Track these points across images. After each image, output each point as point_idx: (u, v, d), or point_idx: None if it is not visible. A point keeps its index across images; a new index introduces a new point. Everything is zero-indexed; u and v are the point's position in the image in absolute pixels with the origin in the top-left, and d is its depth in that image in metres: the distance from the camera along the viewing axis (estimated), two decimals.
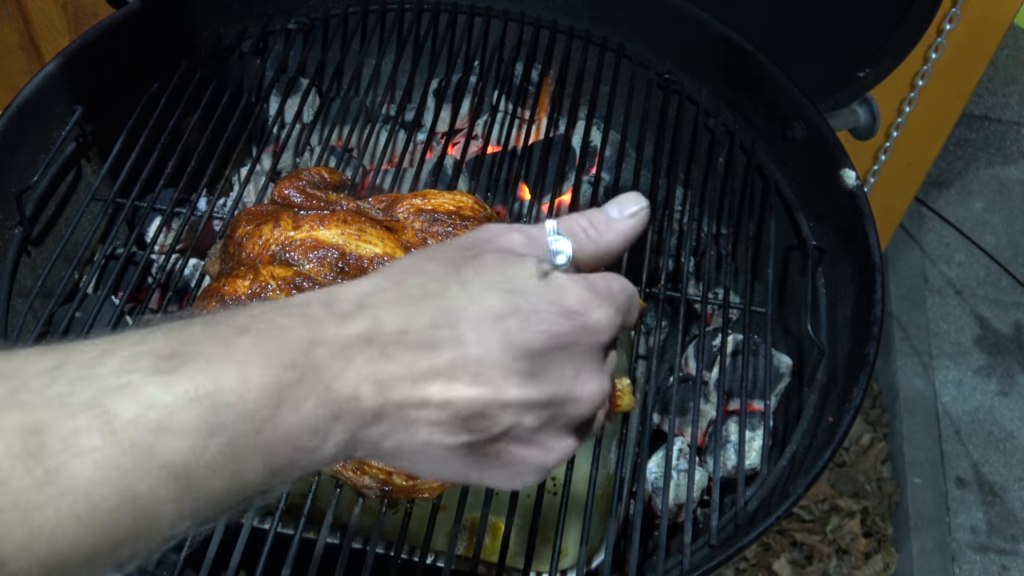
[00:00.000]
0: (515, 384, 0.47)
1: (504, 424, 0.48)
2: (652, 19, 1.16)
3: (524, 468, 0.51)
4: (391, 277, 0.49)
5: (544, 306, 0.48)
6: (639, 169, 1.12)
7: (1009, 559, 1.79)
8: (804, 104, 1.05)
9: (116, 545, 0.38)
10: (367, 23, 1.20)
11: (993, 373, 2.03)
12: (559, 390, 0.48)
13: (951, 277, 2.18)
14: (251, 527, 0.83)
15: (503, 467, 0.51)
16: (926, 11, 1.14)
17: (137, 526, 0.38)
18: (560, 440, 0.51)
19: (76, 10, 1.49)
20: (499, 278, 0.48)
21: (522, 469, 0.51)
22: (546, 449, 0.51)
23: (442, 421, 0.47)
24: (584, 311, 0.49)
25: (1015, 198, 2.33)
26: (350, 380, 0.44)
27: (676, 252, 1.16)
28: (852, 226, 0.97)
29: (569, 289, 0.49)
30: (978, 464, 1.90)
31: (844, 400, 0.87)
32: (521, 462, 0.51)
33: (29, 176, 0.98)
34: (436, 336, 0.46)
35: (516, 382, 0.47)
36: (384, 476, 0.80)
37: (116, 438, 0.37)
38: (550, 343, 0.47)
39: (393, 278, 0.48)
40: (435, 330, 0.46)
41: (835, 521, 1.80)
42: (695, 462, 0.89)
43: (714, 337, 1.03)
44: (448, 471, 0.51)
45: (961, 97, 1.49)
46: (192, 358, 0.41)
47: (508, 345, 0.46)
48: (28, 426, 0.36)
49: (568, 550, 1.00)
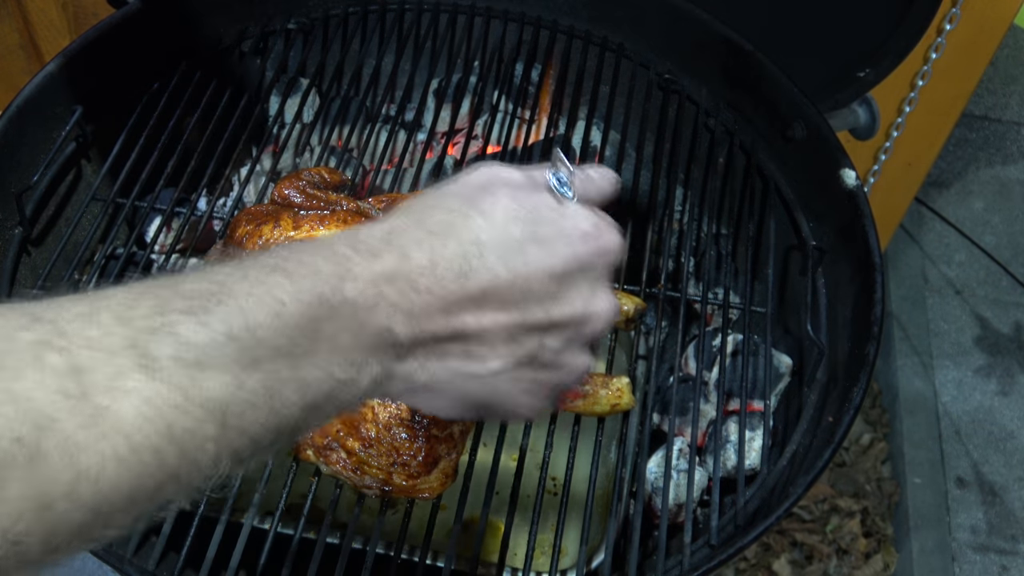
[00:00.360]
0: (540, 306, 0.50)
1: (530, 347, 0.50)
2: (652, 19, 1.16)
3: (546, 391, 0.54)
4: (411, 216, 0.50)
5: (562, 231, 0.51)
6: (639, 169, 1.12)
7: (1009, 559, 1.79)
8: (804, 104, 1.05)
9: (158, 486, 0.38)
10: (367, 23, 1.20)
11: (993, 373, 2.03)
12: (579, 309, 0.51)
13: (951, 277, 2.18)
14: (251, 527, 0.83)
15: (526, 393, 0.53)
16: (926, 11, 1.14)
17: (179, 465, 0.38)
18: (578, 357, 0.54)
19: (76, 10, 1.49)
20: (517, 208, 0.50)
21: (545, 393, 0.54)
22: (566, 370, 0.54)
23: (473, 350, 0.49)
24: (598, 234, 0.53)
25: (1015, 198, 2.33)
26: (382, 313, 0.45)
27: (676, 252, 1.16)
28: (852, 226, 0.97)
29: (582, 215, 0.53)
30: (978, 464, 1.90)
31: (844, 400, 0.87)
32: (544, 385, 0.53)
33: (29, 176, 0.98)
34: (464, 266, 0.47)
35: (541, 304, 0.50)
36: (384, 476, 0.80)
37: (156, 377, 0.37)
38: (571, 265, 0.51)
39: (413, 217, 0.50)
40: (462, 260, 0.47)
41: (835, 521, 1.80)
42: (695, 462, 0.89)
43: (714, 337, 1.03)
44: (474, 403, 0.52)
45: (961, 97, 1.49)
46: (225, 298, 0.41)
47: (533, 270, 0.49)
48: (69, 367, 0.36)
49: (568, 550, 1.00)
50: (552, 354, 0.52)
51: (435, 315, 0.47)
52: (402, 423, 0.81)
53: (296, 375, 0.42)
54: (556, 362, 0.53)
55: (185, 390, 0.38)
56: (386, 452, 0.80)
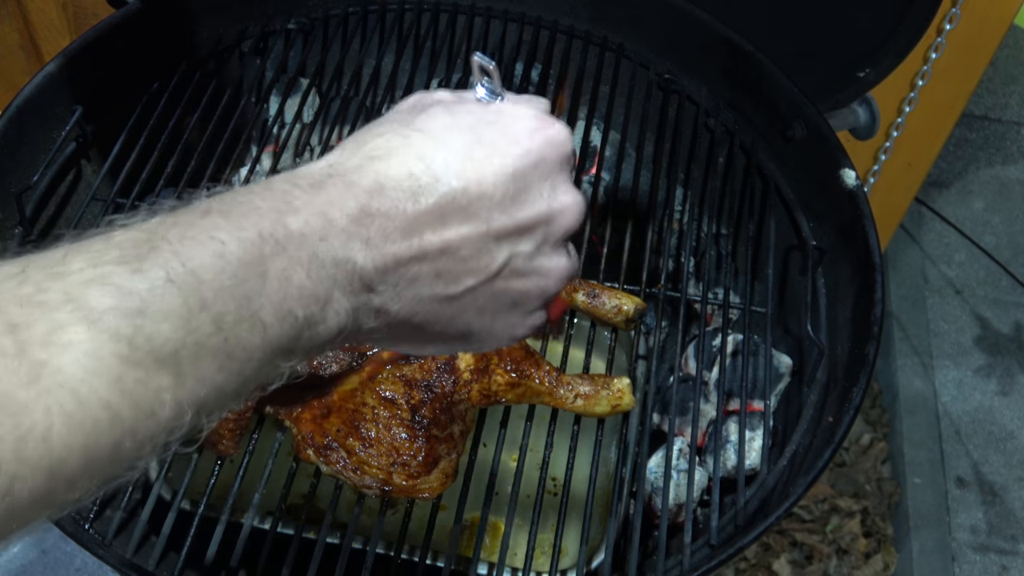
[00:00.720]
0: (502, 211, 0.48)
1: (502, 257, 0.49)
2: (652, 19, 1.16)
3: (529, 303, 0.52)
4: (348, 147, 0.48)
5: (506, 131, 0.49)
6: (639, 169, 1.12)
7: (1009, 559, 1.79)
8: (804, 104, 1.05)
9: (115, 443, 0.36)
10: (367, 23, 1.20)
11: (993, 373, 2.03)
12: (542, 207, 0.49)
13: (951, 277, 2.18)
14: (251, 527, 0.83)
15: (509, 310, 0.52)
16: (926, 11, 1.14)
17: (136, 420, 0.37)
18: (554, 259, 0.52)
19: (76, 10, 1.49)
20: (454, 120, 0.49)
21: (528, 306, 0.52)
22: (544, 275, 0.51)
23: (443, 269, 0.47)
24: (542, 126, 0.50)
25: (1015, 198, 2.33)
26: (336, 243, 0.43)
27: (676, 252, 1.16)
28: (852, 226, 0.97)
29: (522, 111, 0.51)
30: (978, 464, 1.90)
31: (844, 400, 0.87)
32: (525, 297, 0.51)
33: (29, 176, 0.98)
34: (413, 184, 0.46)
35: (503, 209, 0.48)
36: (384, 476, 0.80)
37: (97, 328, 0.36)
38: (523, 163, 0.49)
39: (350, 147, 0.48)
40: (410, 179, 0.46)
41: (835, 521, 1.80)
42: (695, 462, 0.89)
43: (714, 337, 1.03)
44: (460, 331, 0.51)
45: (961, 97, 1.49)
46: (160, 244, 0.39)
47: (486, 174, 0.47)
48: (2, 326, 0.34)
49: (568, 550, 1.00)
50: (526, 260, 0.50)
51: (395, 238, 0.45)
52: (402, 423, 0.81)
53: (250, 315, 0.40)
54: (533, 268, 0.51)
55: (130, 339, 0.36)
56: (386, 452, 0.80)
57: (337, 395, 0.82)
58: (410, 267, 0.46)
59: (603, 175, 1.19)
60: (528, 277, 0.51)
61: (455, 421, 0.83)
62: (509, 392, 0.85)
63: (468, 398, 0.84)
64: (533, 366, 0.86)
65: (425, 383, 0.82)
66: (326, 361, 0.86)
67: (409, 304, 0.47)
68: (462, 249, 0.47)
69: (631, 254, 1.02)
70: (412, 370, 0.82)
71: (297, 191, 0.44)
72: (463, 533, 1.03)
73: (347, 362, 0.85)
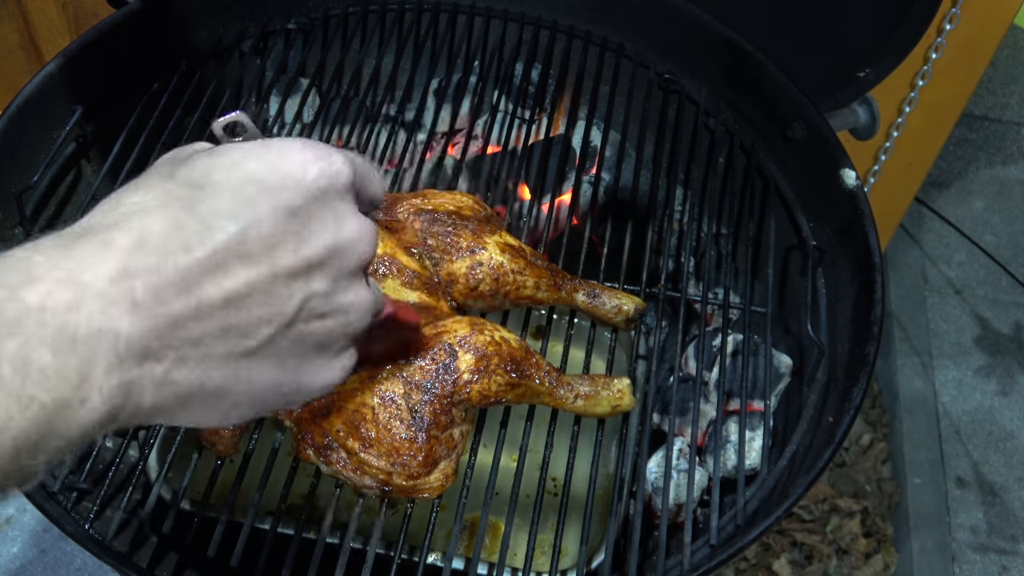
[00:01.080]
0: (288, 250, 0.44)
1: (296, 299, 0.45)
2: (652, 19, 1.16)
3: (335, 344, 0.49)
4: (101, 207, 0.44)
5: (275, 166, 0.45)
6: (639, 169, 1.12)
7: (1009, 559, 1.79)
8: (804, 104, 1.05)
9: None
10: (367, 23, 1.20)
11: (993, 373, 2.03)
12: (328, 239, 0.46)
13: (951, 277, 2.18)
14: (251, 527, 0.83)
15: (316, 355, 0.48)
16: (926, 11, 1.14)
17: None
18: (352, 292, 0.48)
19: (76, 10, 1.49)
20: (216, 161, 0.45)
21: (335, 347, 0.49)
22: (345, 311, 0.48)
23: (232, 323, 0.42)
24: (316, 156, 0.46)
25: (1015, 198, 2.33)
26: (94, 310, 0.38)
27: (676, 252, 1.16)
28: (852, 226, 0.97)
29: (287, 145, 0.46)
30: (978, 464, 1.90)
31: (844, 400, 0.87)
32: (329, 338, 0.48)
33: (29, 176, 0.98)
34: (183, 235, 0.41)
35: (288, 247, 0.44)
36: (384, 476, 0.80)
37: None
38: (298, 197, 0.45)
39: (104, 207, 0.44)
40: (179, 230, 0.41)
41: (835, 521, 1.80)
42: (695, 462, 0.89)
43: (714, 337, 1.03)
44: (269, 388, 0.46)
45: (961, 97, 1.49)
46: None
47: (263, 213, 0.43)
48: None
49: (568, 550, 1.00)
50: (324, 300, 0.46)
51: (168, 296, 0.40)
52: (402, 423, 0.81)
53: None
54: (332, 306, 0.47)
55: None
56: (386, 452, 0.80)
57: (337, 395, 0.82)
58: (190, 326, 0.41)
59: (603, 175, 1.19)
60: (329, 317, 0.47)
61: (455, 421, 0.83)
62: (509, 392, 0.85)
63: (468, 398, 0.83)
64: (533, 367, 0.86)
65: (425, 383, 0.82)
66: None
67: (199, 369, 0.42)
68: (250, 296, 0.43)
69: (631, 254, 1.02)
70: (412, 370, 0.82)
71: (39, 257, 0.39)
72: (463, 533, 1.03)
73: None
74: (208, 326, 0.42)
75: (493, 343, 0.84)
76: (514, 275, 0.91)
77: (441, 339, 0.84)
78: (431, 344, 0.84)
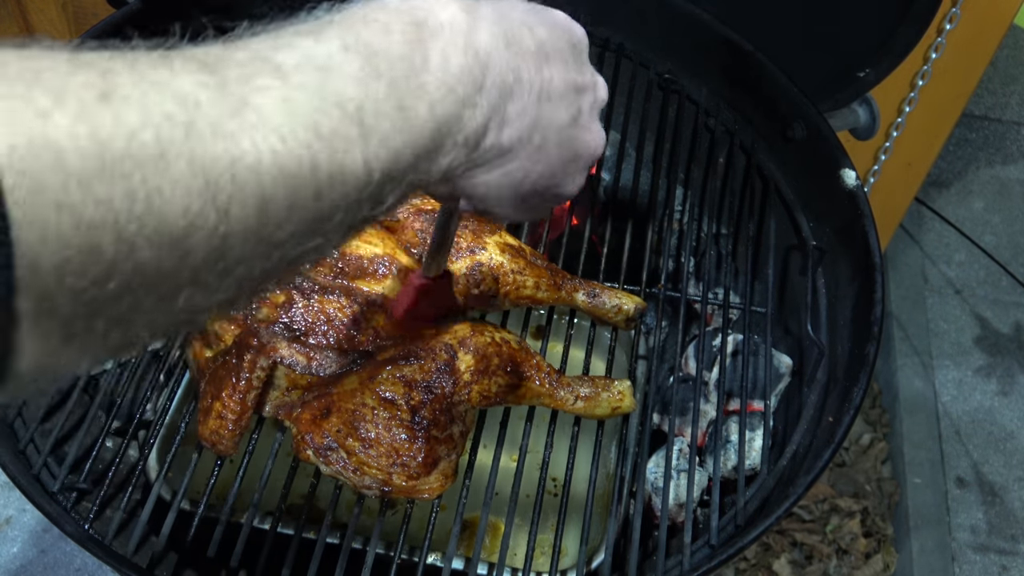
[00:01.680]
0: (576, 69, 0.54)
1: (575, 105, 0.54)
2: (652, 19, 1.16)
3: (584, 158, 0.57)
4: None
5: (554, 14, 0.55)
6: (639, 169, 1.12)
7: (1009, 559, 1.79)
8: (804, 104, 1.05)
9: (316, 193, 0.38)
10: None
11: (993, 373, 2.03)
12: (590, 75, 0.56)
13: (951, 277, 2.18)
14: (251, 527, 0.83)
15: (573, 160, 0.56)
16: (926, 11, 1.14)
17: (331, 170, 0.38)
18: (597, 124, 0.58)
19: (76, 10, 1.49)
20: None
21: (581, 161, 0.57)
22: (596, 133, 0.57)
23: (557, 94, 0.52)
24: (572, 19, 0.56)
25: (1015, 198, 2.33)
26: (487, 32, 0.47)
27: (676, 252, 1.16)
28: (852, 226, 0.97)
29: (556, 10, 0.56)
30: (978, 464, 1.90)
31: (844, 400, 0.87)
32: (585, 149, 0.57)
33: None
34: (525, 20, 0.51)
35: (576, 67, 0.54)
36: (384, 476, 0.80)
37: (287, 79, 0.38)
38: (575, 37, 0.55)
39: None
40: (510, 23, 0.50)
41: (835, 521, 1.80)
42: (695, 462, 0.89)
43: (714, 337, 1.03)
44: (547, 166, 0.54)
45: (961, 97, 1.49)
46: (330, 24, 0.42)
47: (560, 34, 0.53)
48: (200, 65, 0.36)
49: (568, 550, 1.00)
50: (588, 116, 0.56)
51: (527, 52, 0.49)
52: (402, 424, 0.81)
53: (418, 86, 0.43)
54: (590, 124, 0.56)
55: (319, 90, 0.38)
56: (386, 453, 0.80)
57: (337, 395, 0.82)
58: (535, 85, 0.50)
59: (603, 175, 1.19)
60: (588, 130, 0.56)
61: (455, 422, 0.83)
62: (509, 394, 0.85)
63: (468, 399, 0.84)
64: (533, 368, 0.86)
65: (425, 384, 0.82)
66: (326, 361, 0.86)
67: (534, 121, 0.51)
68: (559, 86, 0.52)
69: (631, 254, 1.02)
70: (412, 371, 0.82)
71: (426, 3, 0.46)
72: (463, 533, 1.03)
73: (347, 362, 0.85)
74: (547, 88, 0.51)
75: (493, 344, 0.84)
76: (514, 275, 0.91)
77: (441, 339, 0.84)
78: (431, 344, 0.84)
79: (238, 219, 0.35)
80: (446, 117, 0.44)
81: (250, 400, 0.83)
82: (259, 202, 0.35)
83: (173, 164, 0.32)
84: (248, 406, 0.83)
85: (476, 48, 0.46)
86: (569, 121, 0.54)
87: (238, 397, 0.82)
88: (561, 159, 0.55)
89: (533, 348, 0.89)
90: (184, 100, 0.34)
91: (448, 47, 0.45)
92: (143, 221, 0.32)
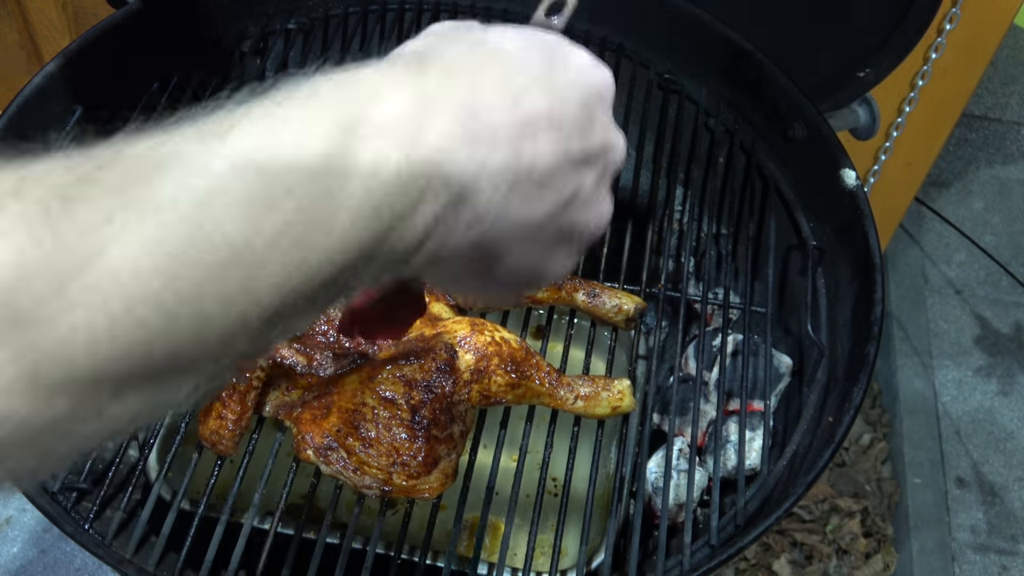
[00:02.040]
0: (579, 136, 0.45)
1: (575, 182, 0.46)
2: (652, 19, 1.16)
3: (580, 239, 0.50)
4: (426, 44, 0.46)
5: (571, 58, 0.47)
6: (639, 169, 1.12)
7: (1009, 559, 1.79)
8: (804, 104, 1.05)
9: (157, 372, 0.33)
10: (367, 23, 1.20)
11: (993, 373, 2.03)
12: (604, 138, 0.47)
13: (951, 277, 2.18)
14: (251, 527, 0.83)
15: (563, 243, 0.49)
16: (926, 11, 1.14)
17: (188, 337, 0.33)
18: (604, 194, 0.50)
19: (76, 10, 1.49)
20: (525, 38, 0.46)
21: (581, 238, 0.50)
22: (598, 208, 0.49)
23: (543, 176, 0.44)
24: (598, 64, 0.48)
25: (1015, 198, 2.33)
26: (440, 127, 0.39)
27: (676, 252, 1.16)
28: (852, 226, 0.97)
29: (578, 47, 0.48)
30: (978, 464, 1.90)
31: (844, 400, 0.87)
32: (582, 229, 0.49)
33: None
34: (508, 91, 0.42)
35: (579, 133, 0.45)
36: (384, 476, 0.80)
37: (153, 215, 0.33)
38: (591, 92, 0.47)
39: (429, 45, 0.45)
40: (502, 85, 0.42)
41: (835, 521, 1.80)
42: (695, 462, 0.89)
43: (714, 337, 1.03)
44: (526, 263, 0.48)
45: (961, 97, 1.49)
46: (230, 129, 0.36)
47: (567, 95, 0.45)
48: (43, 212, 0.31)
49: (568, 550, 1.00)
50: (589, 191, 0.47)
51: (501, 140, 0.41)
52: (402, 423, 0.81)
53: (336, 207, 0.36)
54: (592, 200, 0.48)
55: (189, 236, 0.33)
56: (386, 452, 0.80)
57: (337, 395, 0.82)
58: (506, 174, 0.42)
59: None
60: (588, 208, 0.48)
61: (455, 421, 0.83)
62: (509, 393, 0.85)
63: (468, 399, 0.84)
64: (533, 367, 0.86)
65: (425, 383, 0.82)
66: (326, 361, 0.86)
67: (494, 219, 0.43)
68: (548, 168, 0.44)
69: (631, 254, 1.02)
70: (412, 370, 0.82)
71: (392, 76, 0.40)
72: (463, 533, 1.03)
73: (347, 362, 0.85)
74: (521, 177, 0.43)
75: (493, 343, 0.84)
76: None
77: (441, 339, 0.84)
78: (431, 344, 0.84)
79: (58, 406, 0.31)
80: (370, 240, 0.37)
81: (250, 400, 0.83)
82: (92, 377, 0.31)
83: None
84: (248, 406, 0.83)
85: (422, 151, 0.38)
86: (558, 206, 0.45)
87: (238, 397, 0.82)
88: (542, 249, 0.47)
89: (533, 348, 0.89)
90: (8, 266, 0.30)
91: (380, 158, 0.37)
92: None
